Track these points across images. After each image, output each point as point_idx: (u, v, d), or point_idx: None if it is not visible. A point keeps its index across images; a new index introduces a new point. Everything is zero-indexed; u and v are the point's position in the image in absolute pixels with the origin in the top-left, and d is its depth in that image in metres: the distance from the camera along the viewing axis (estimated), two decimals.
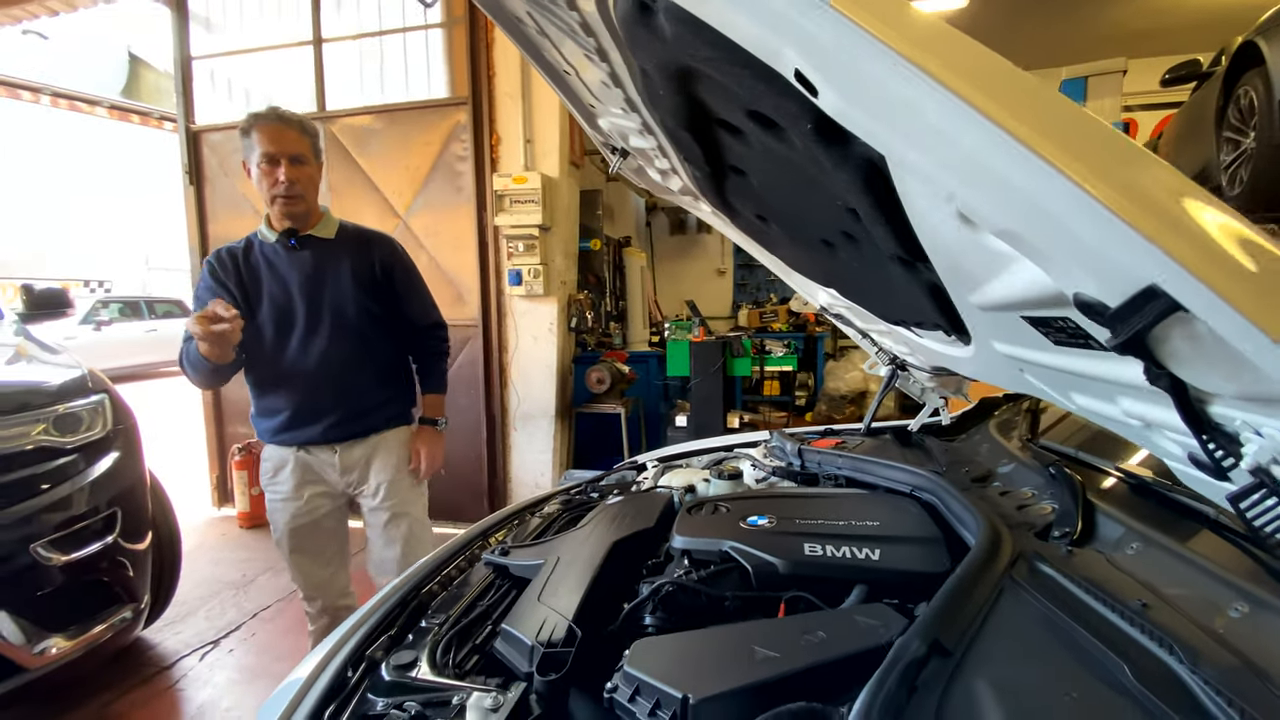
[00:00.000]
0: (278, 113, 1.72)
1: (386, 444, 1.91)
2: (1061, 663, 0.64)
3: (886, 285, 0.99)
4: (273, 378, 1.79)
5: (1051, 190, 0.27)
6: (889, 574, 0.89)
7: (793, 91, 0.41)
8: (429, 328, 2.03)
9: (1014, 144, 0.26)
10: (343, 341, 1.81)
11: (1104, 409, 0.59)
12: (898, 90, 0.29)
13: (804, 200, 1.01)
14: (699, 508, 1.14)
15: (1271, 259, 0.25)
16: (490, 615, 1.00)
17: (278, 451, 1.84)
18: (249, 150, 1.72)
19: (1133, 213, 0.25)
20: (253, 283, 1.78)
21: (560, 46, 1.07)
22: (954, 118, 0.28)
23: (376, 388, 1.90)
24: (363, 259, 1.87)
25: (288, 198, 1.72)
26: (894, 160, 0.40)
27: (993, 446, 1.39)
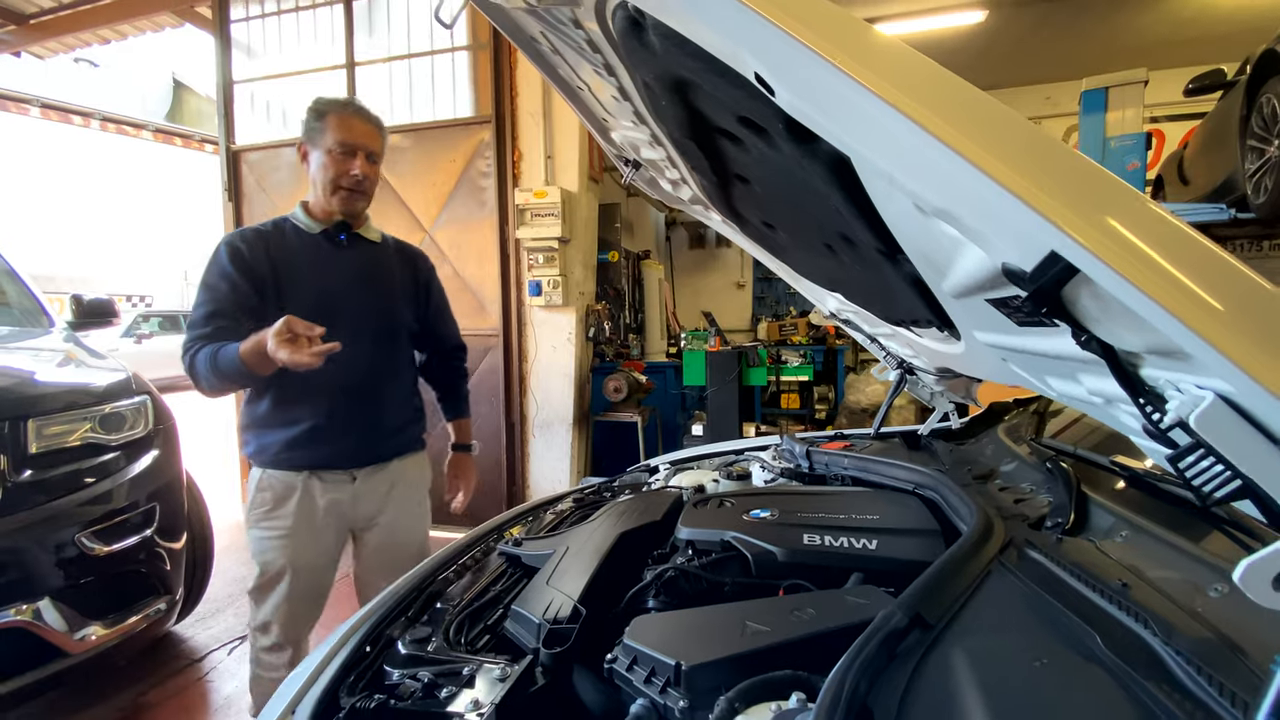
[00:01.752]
0: (361, 106, 1.65)
1: (406, 474, 1.76)
2: (1037, 635, 0.66)
3: (882, 284, 1.03)
4: (300, 383, 1.52)
5: (961, 171, 0.31)
6: (885, 563, 0.92)
7: (761, 94, 0.46)
8: (455, 349, 1.94)
9: (921, 131, 0.30)
10: (385, 351, 1.69)
11: (1072, 390, 0.62)
12: (827, 83, 0.34)
13: (802, 205, 1.05)
14: (704, 502, 1.18)
15: (1148, 219, 0.29)
16: (502, 599, 1.05)
17: (282, 478, 1.59)
18: (318, 133, 1.59)
19: (1024, 188, 0.29)
20: (287, 271, 1.59)
21: (572, 63, 1.14)
22: (872, 107, 0.32)
23: (405, 405, 1.76)
24: (408, 270, 1.80)
25: (356, 192, 1.63)
26: (850, 151, 0.45)
27: (998, 447, 1.41)
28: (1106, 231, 0.29)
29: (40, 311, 2.78)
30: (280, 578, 1.60)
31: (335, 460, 1.62)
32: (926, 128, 0.30)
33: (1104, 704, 0.55)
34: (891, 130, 0.33)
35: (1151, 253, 0.28)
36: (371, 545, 1.73)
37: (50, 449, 1.90)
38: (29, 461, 1.84)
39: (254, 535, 1.62)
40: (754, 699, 0.62)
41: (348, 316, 1.59)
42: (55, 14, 5.03)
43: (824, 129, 0.42)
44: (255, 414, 1.62)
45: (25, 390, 1.95)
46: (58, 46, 5.63)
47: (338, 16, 4.14)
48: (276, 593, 1.60)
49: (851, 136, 0.39)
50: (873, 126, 0.35)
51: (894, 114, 0.31)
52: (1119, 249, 0.28)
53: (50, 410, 1.93)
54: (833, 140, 0.43)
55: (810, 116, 0.41)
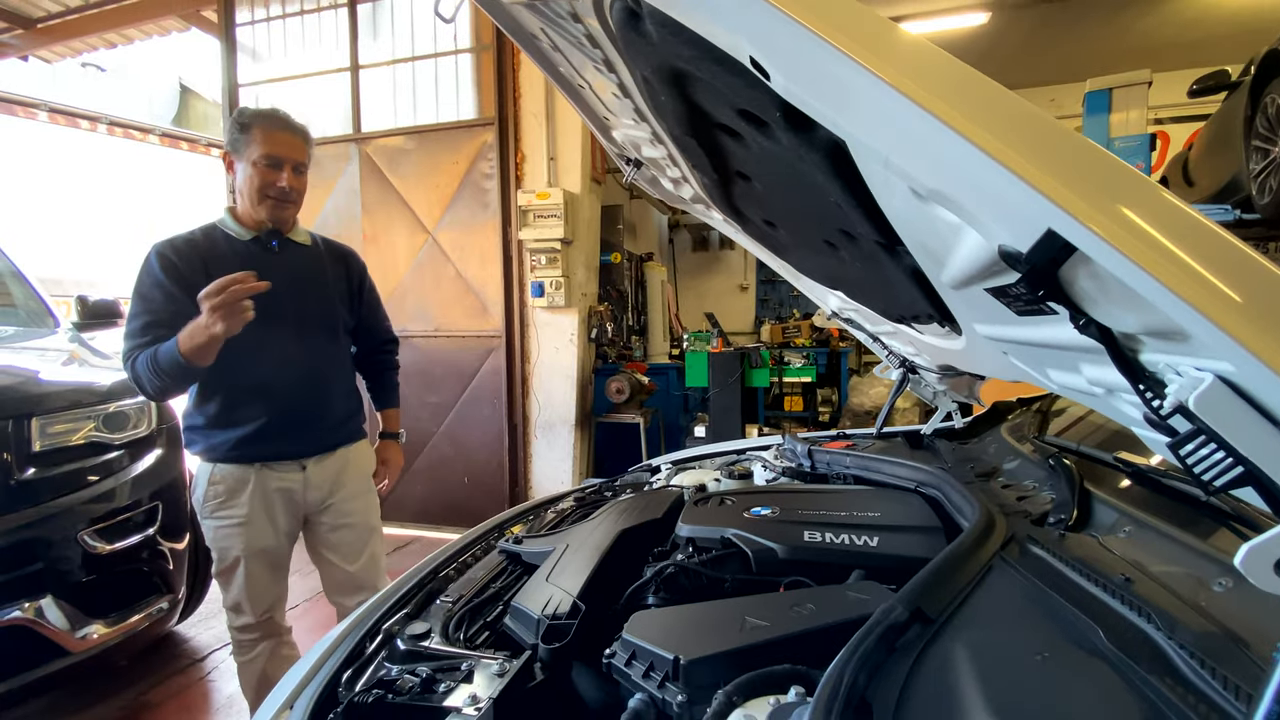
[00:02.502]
0: (287, 119, 1.68)
1: (353, 459, 1.84)
2: (1038, 629, 0.66)
3: (882, 279, 1.03)
4: (247, 383, 1.62)
5: (956, 149, 0.30)
6: (887, 559, 0.92)
7: (757, 81, 0.46)
8: (386, 342, 2.02)
9: (913, 107, 0.30)
10: (326, 350, 1.75)
11: (1073, 380, 0.61)
12: (820, 62, 0.34)
13: (803, 200, 1.05)
14: (705, 500, 1.18)
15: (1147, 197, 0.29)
16: (501, 596, 1.05)
17: (234, 471, 1.64)
18: (244, 145, 1.62)
19: (1021, 165, 0.29)
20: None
21: (573, 61, 1.14)
22: (864, 85, 0.32)
23: (348, 398, 1.83)
24: (342, 270, 1.85)
25: (285, 202, 1.67)
26: (845, 135, 0.45)
27: (1000, 446, 1.40)
28: (1101, 206, 0.29)
29: (46, 312, 2.80)
30: (239, 563, 1.68)
31: (285, 452, 1.69)
32: (919, 102, 0.30)
33: (1107, 698, 0.55)
34: (884, 108, 0.32)
35: (1145, 225, 0.28)
36: (325, 527, 1.81)
37: (54, 447, 1.90)
38: (32, 460, 1.85)
39: (210, 525, 1.68)
40: (752, 693, 0.62)
41: (288, 318, 1.66)
42: (62, 18, 5.07)
43: (819, 112, 0.41)
44: (204, 414, 1.65)
45: (29, 389, 1.96)
46: (65, 51, 5.68)
47: (342, 20, 4.17)
48: (239, 575, 1.69)
49: (845, 118, 0.39)
50: (865, 106, 0.35)
51: (886, 90, 0.30)
52: (1113, 223, 0.28)
53: (54, 409, 1.93)
54: (828, 123, 0.43)
55: (805, 100, 0.41)
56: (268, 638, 1.76)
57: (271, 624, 1.77)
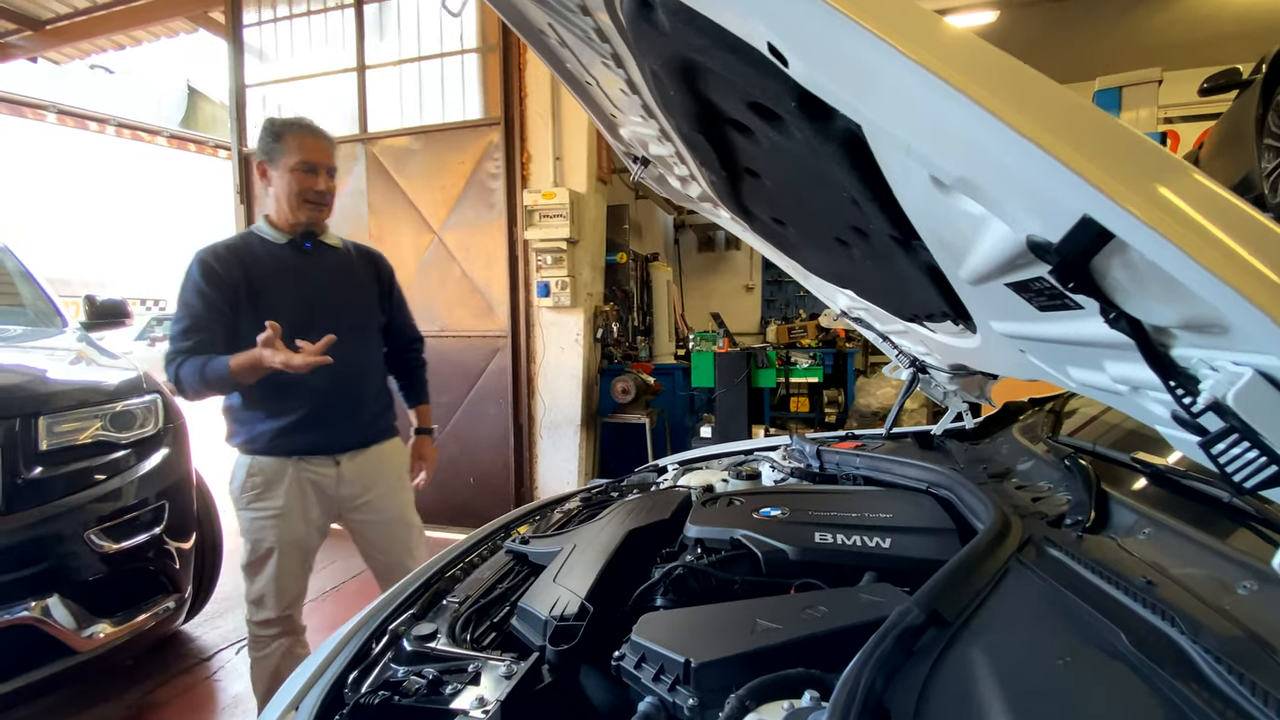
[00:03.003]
0: (316, 126, 1.77)
1: (386, 456, 1.90)
2: (1059, 632, 0.64)
3: (895, 277, 1.01)
4: (285, 378, 1.62)
5: (987, 131, 0.29)
6: (899, 561, 0.90)
7: (774, 70, 0.45)
8: (414, 341, 2.09)
9: (945, 87, 0.29)
10: (359, 347, 1.81)
11: (1095, 378, 0.60)
12: (845, 47, 0.32)
13: (814, 198, 1.04)
14: (714, 501, 1.17)
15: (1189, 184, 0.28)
16: (508, 597, 1.04)
17: (271, 463, 1.71)
18: (279, 153, 1.72)
19: (1058, 147, 0.28)
20: (262, 281, 1.71)
21: (580, 57, 1.13)
22: (894, 69, 0.31)
23: (380, 395, 1.91)
24: (371, 271, 1.93)
25: (320, 204, 1.76)
26: (864, 124, 0.43)
27: (1013, 446, 1.38)
28: (1141, 190, 0.27)
29: (54, 312, 2.81)
30: (271, 554, 1.73)
31: (321, 446, 1.76)
32: (954, 84, 0.28)
33: (1131, 703, 0.53)
34: (914, 92, 0.31)
35: (1189, 209, 0.27)
36: (361, 524, 1.88)
37: (61, 446, 1.91)
38: (39, 458, 1.85)
39: (245, 516, 1.74)
40: (766, 697, 0.61)
41: (323, 318, 1.71)
42: (70, 19, 5.10)
43: (839, 99, 0.40)
44: (245, 407, 1.74)
45: (37, 388, 1.96)
46: (73, 52, 5.71)
47: (349, 20, 4.17)
48: (268, 567, 1.73)
49: (869, 104, 0.38)
50: (893, 90, 0.33)
51: (918, 72, 0.29)
52: (1155, 207, 0.27)
53: (62, 408, 1.94)
54: (849, 111, 0.42)
55: (824, 86, 0.40)
56: (285, 635, 1.80)
57: (290, 621, 1.80)
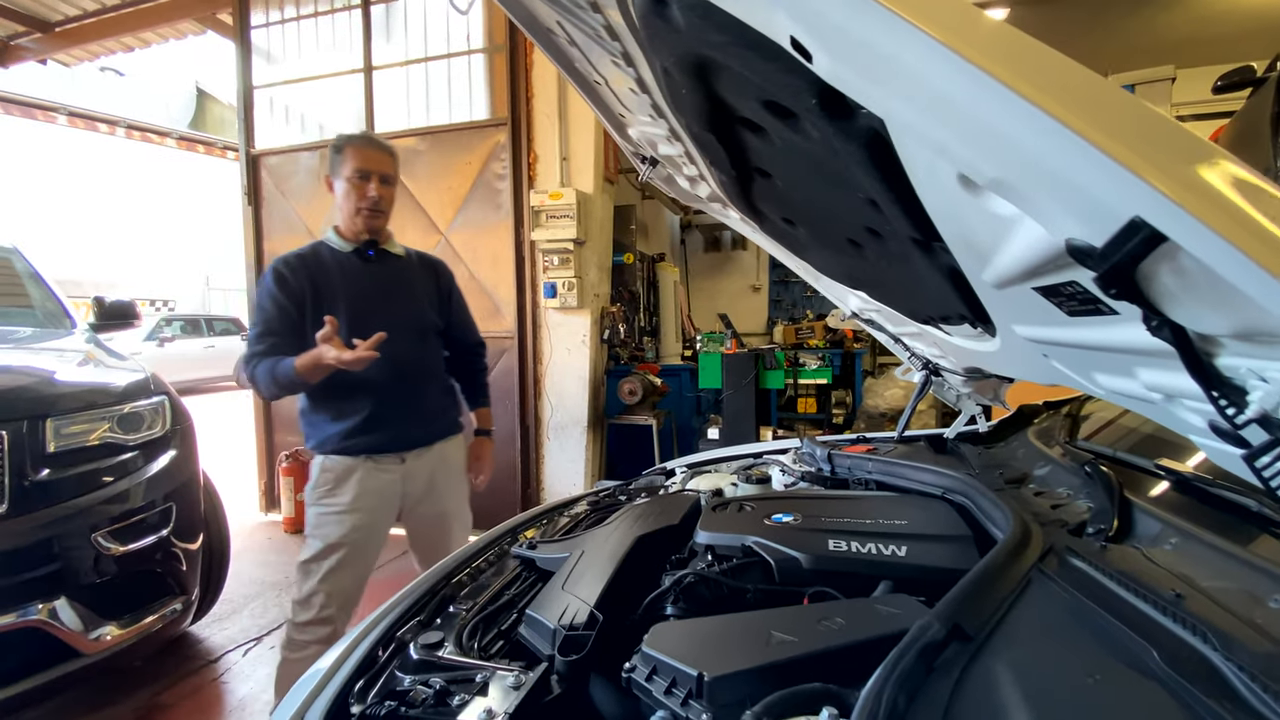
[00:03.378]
0: (371, 136, 1.87)
1: (447, 454, 1.99)
2: (1087, 648, 0.62)
3: (911, 279, 0.99)
4: (349, 380, 1.74)
5: (1031, 128, 0.27)
6: (916, 570, 0.88)
7: (795, 66, 0.43)
8: (475, 345, 2.16)
9: (990, 82, 0.27)
10: (416, 350, 1.89)
11: (1125, 386, 0.58)
12: (877, 40, 0.31)
13: (828, 198, 1.02)
14: (724, 506, 1.15)
15: (1248, 183, 0.26)
16: (516, 603, 1.03)
17: (342, 461, 1.81)
18: (338, 165, 1.82)
19: (1110, 144, 0.26)
20: (326, 287, 1.81)
21: (590, 55, 1.12)
22: (929, 61, 0.29)
23: (441, 395, 2.00)
24: (431, 278, 2.02)
25: (374, 211, 1.84)
26: (891, 122, 0.42)
27: (1029, 451, 1.36)
28: (1200, 191, 0.25)
29: (63, 313, 2.82)
30: (333, 550, 1.78)
31: (386, 445, 1.84)
32: (999, 78, 0.26)
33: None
34: (951, 87, 0.29)
35: (1255, 214, 0.25)
36: (419, 518, 1.96)
37: (68, 448, 1.90)
38: (47, 461, 1.85)
39: (314, 512, 1.81)
40: (782, 713, 0.59)
41: (381, 322, 1.76)
42: (79, 21, 5.12)
43: (867, 95, 0.38)
44: (315, 411, 1.84)
45: (45, 390, 1.96)
46: (83, 54, 5.74)
47: (356, 21, 4.17)
48: (325, 565, 1.77)
49: (899, 101, 0.36)
50: (926, 85, 0.32)
51: (960, 65, 0.27)
52: (1218, 210, 0.25)
53: (70, 410, 1.94)
54: (876, 107, 0.40)
55: (851, 83, 0.38)
56: (324, 643, 1.76)
57: (333, 631, 1.79)
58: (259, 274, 4.53)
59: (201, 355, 12.11)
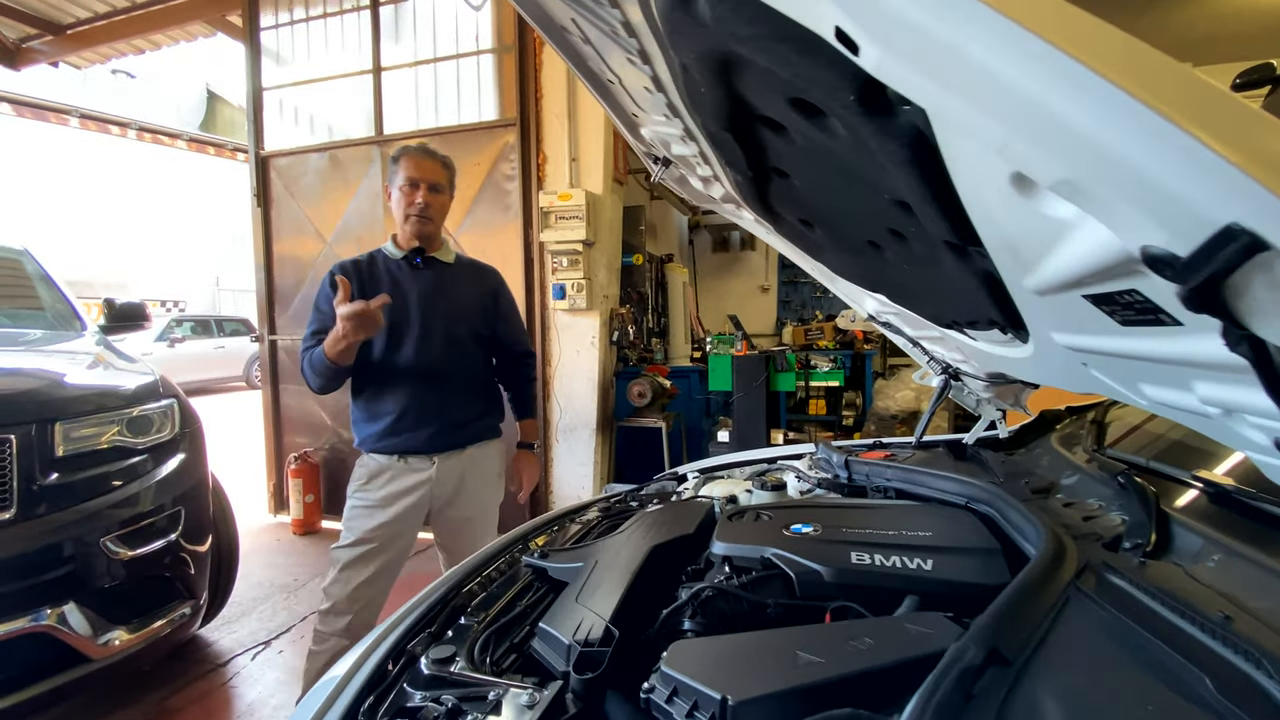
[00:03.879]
0: (425, 147, 1.94)
1: (478, 457, 2.02)
2: (1135, 675, 0.59)
3: (937, 283, 0.96)
4: (384, 381, 1.88)
5: (1119, 121, 0.24)
6: (943, 585, 0.85)
7: (833, 60, 0.41)
8: (522, 355, 2.19)
9: (1075, 68, 0.24)
10: (451, 354, 1.94)
11: (1178, 399, 0.54)
12: (940, 29, 0.28)
13: (849, 199, 0.99)
14: (740, 515, 1.12)
15: None
16: (528, 615, 1.00)
17: (379, 459, 1.90)
18: (394, 174, 1.91)
19: (1216, 143, 0.23)
20: (373, 289, 1.88)
21: (604, 53, 1.09)
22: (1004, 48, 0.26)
23: (476, 400, 2.02)
24: (477, 284, 2.07)
25: (421, 218, 1.90)
26: (940, 120, 0.39)
27: (1054, 459, 1.32)
28: None
29: (73, 315, 2.82)
30: (361, 543, 1.85)
31: (417, 446, 1.90)
32: (1095, 69, 0.24)
33: None
34: (1026, 81, 0.27)
35: None
36: (448, 520, 2.02)
37: (77, 451, 1.90)
38: (55, 464, 1.84)
39: (349, 504, 1.90)
40: None
41: (415, 326, 1.90)
42: (90, 24, 5.15)
43: (919, 90, 0.36)
44: (356, 411, 1.95)
45: (53, 393, 1.95)
46: (94, 57, 5.77)
47: (365, 22, 4.17)
48: (353, 553, 1.85)
49: (958, 96, 0.33)
50: (994, 79, 0.29)
51: (1045, 52, 0.24)
52: None
53: (79, 413, 1.93)
54: (929, 102, 0.37)
55: (902, 76, 0.35)
56: (344, 637, 1.84)
57: (351, 628, 1.85)
58: (268, 275, 4.54)
59: (211, 356, 12.19)
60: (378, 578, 1.87)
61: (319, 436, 4.42)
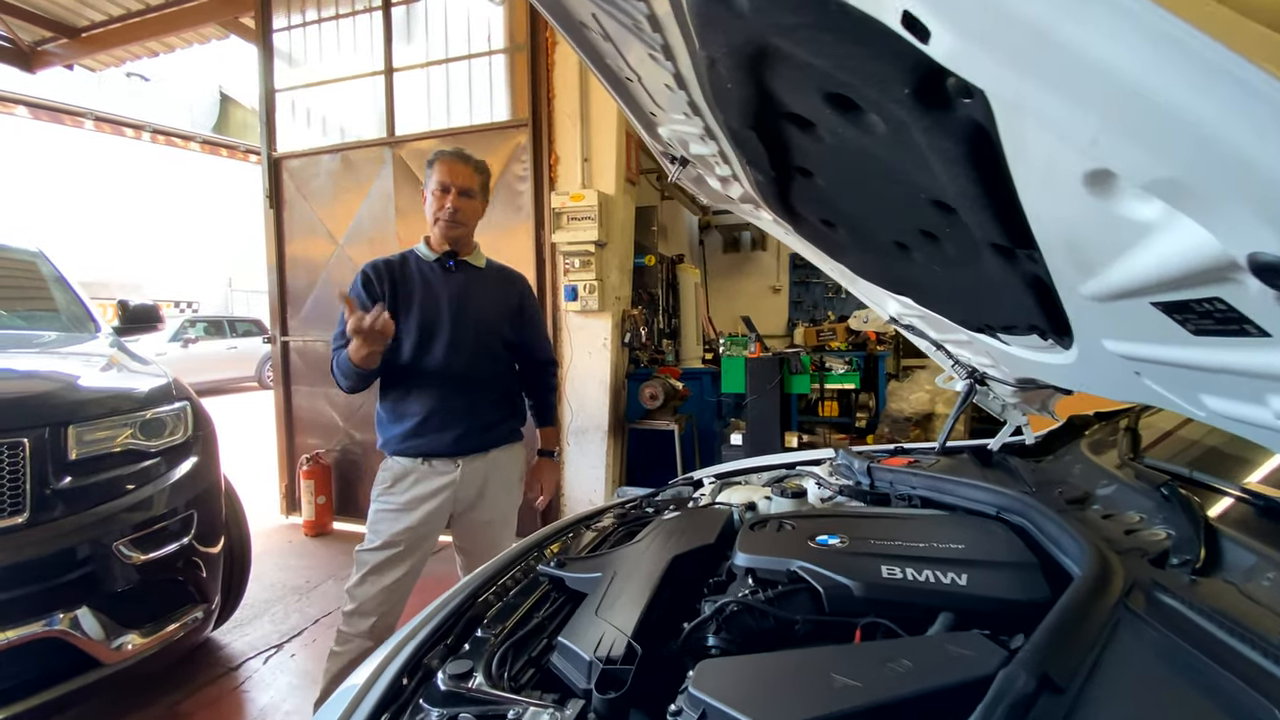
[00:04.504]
0: (460, 152, 1.94)
1: (501, 461, 2.02)
2: (1196, 704, 0.55)
3: (972, 286, 0.92)
4: (411, 383, 1.89)
5: (1258, 114, 0.21)
6: (979, 601, 0.81)
7: (890, 49, 0.37)
8: (545, 363, 2.19)
9: (1215, 51, 0.21)
10: (480, 358, 1.95)
11: (1248, 413, 0.51)
12: (1032, 9, 0.25)
13: (879, 199, 0.96)
14: (762, 524, 1.09)
15: None
16: (546, 628, 0.97)
17: (402, 462, 1.90)
18: (428, 178, 1.92)
19: None
20: (404, 291, 1.91)
21: (623, 49, 1.06)
22: (1119, 29, 0.23)
23: (501, 404, 2.03)
24: (506, 290, 2.08)
25: (451, 222, 1.90)
26: (1010, 114, 0.35)
27: (1087, 467, 1.28)
28: None
29: (88, 317, 2.82)
30: (385, 547, 1.85)
31: (441, 449, 1.90)
32: (1245, 54, 0.20)
33: None
34: (1135, 67, 0.23)
35: None
36: (469, 523, 2.02)
37: (90, 455, 1.89)
38: (68, 468, 1.84)
39: (374, 508, 1.90)
40: None
41: (446, 329, 1.91)
42: (104, 27, 5.18)
43: (996, 80, 0.32)
44: (382, 413, 1.95)
45: (67, 396, 1.95)
46: (108, 59, 5.82)
47: (377, 23, 4.17)
48: (377, 557, 1.84)
49: (1046, 85, 0.30)
50: (1093, 65, 0.26)
51: (1175, 29, 0.21)
52: None
53: (92, 416, 1.93)
54: (1006, 93, 0.34)
55: (978, 66, 0.32)
56: (367, 638, 1.83)
57: (373, 630, 1.84)
58: (281, 277, 4.54)
59: (224, 356, 12.28)
60: (403, 581, 1.88)
61: (331, 438, 4.42)
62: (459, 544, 2.08)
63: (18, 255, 2.90)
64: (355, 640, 1.82)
